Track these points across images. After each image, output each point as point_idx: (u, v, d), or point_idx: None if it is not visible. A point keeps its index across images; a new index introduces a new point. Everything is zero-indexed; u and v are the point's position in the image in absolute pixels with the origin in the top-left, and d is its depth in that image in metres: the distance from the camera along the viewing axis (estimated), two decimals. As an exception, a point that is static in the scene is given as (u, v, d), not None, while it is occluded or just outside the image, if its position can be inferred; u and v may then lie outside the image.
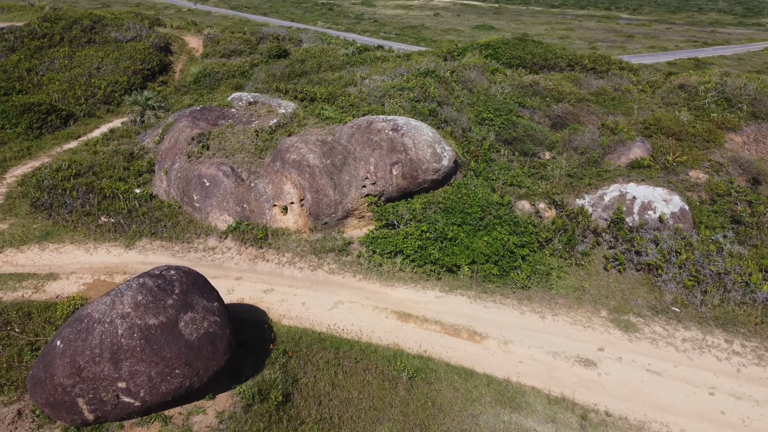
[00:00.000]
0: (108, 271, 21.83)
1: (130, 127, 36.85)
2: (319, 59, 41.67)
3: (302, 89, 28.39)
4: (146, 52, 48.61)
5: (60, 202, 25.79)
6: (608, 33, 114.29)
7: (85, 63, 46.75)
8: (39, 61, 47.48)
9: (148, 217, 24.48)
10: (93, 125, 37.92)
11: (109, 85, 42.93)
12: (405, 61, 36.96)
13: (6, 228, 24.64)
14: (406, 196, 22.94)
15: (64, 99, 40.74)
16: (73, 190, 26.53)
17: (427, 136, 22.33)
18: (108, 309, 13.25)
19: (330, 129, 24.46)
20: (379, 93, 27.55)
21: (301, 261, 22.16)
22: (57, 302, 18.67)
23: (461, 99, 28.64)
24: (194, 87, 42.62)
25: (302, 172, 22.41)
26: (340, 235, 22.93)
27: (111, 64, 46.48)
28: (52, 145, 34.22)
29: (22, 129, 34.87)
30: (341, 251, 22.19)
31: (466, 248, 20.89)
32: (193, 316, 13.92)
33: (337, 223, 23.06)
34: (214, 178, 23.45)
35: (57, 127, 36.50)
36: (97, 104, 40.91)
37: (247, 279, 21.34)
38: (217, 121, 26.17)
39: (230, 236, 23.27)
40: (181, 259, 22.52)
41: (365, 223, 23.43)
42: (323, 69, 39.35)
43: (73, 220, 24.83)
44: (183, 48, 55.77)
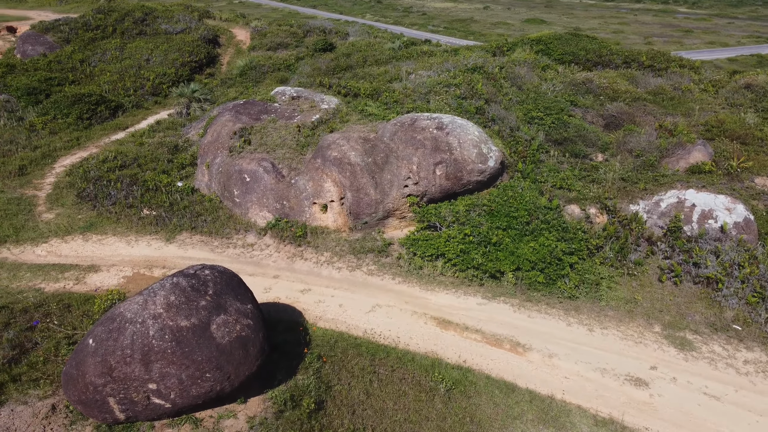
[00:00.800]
0: (148, 264, 21.81)
1: (176, 119, 37.11)
2: (364, 53, 41.08)
3: (346, 84, 27.85)
4: (194, 44, 49.02)
5: (104, 193, 26.00)
6: (665, 27, 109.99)
7: (136, 54, 47.47)
8: (92, 53, 48.49)
9: (189, 211, 24.41)
10: (140, 116, 38.37)
11: (157, 76, 43.40)
12: (452, 56, 36.00)
13: (52, 218, 24.98)
14: (448, 198, 22.15)
15: (114, 90, 41.41)
16: (118, 182, 26.73)
17: (473, 136, 21.46)
18: (140, 309, 12.99)
19: (373, 126, 23.84)
20: (425, 89, 26.76)
21: (340, 261, 21.66)
22: (96, 295, 18.67)
23: (510, 96, 27.58)
24: (240, 80, 42.67)
25: (343, 170, 21.87)
26: (380, 235, 22.33)
27: (160, 55, 47.04)
28: (101, 135, 34.72)
29: (73, 119, 35.49)
30: (381, 252, 21.59)
31: (510, 254, 19.98)
32: (225, 319, 13.54)
33: (377, 223, 22.46)
34: (255, 173, 23.15)
35: (106, 118, 37.05)
36: (146, 96, 41.41)
37: (284, 278, 20.97)
38: (260, 115, 25.89)
39: (269, 233, 22.96)
40: (220, 255, 22.34)
41: (406, 223, 22.75)
42: (368, 63, 38.74)
43: (116, 211, 24.98)
44: (231, 40, 56.08)
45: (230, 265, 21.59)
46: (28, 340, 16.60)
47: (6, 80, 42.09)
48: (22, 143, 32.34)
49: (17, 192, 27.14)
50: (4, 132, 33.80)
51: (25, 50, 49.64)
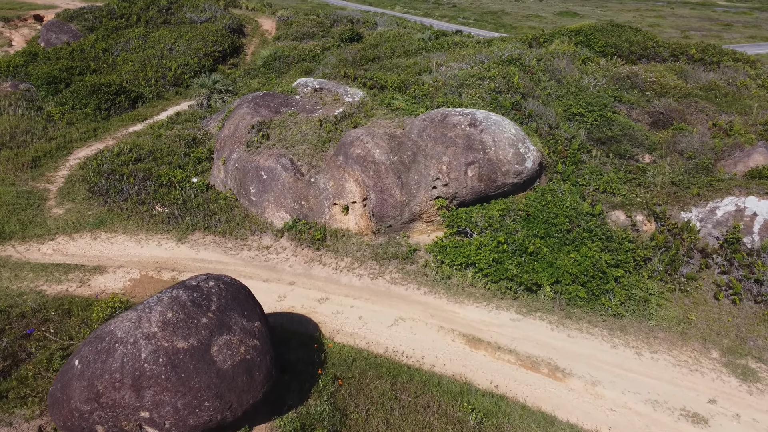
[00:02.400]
0: (157, 266, 20.46)
1: (196, 110, 35.84)
2: (393, 44, 39.26)
3: (372, 76, 26.12)
4: (218, 34, 47.75)
5: (116, 188, 24.77)
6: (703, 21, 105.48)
7: (159, 44, 46.35)
8: (115, 41, 47.52)
9: (203, 210, 23.00)
10: (161, 108, 37.20)
11: (179, 66, 42.22)
12: (485, 48, 33.96)
13: (62, 213, 23.83)
14: (481, 201, 20.30)
15: (135, 80, 40.34)
16: (131, 176, 25.48)
17: (510, 134, 19.55)
18: (132, 327, 11.50)
19: (400, 121, 22.08)
20: (456, 82, 24.87)
21: (361, 267, 20.01)
22: (97, 301, 17.33)
23: (548, 91, 25.53)
24: (263, 71, 41.24)
25: (366, 169, 20.18)
26: (405, 240, 20.61)
27: (183, 45, 45.87)
28: (119, 126, 33.63)
29: (91, 110, 34.45)
30: (406, 259, 19.88)
31: (549, 265, 18.08)
32: (228, 340, 11.99)
33: (402, 226, 20.74)
34: (272, 171, 21.61)
35: (125, 109, 35.95)
36: (167, 86, 40.25)
37: (300, 284, 19.42)
38: (280, 108, 24.32)
39: (286, 235, 21.41)
40: (233, 258, 20.87)
41: (434, 228, 20.98)
42: (397, 54, 36.92)
43: (128, 208, 23.71)
44: (256, 30, 54.71)
45: (244, 269, 20.13)
46: (22, 349, 15.33)
47: (27, 69, 41.36)
48: (38, 134, 31.36)
49: (28, 185, 26.07)
50: (21, 122, 32.85)
51: (49, 39, 48.93)
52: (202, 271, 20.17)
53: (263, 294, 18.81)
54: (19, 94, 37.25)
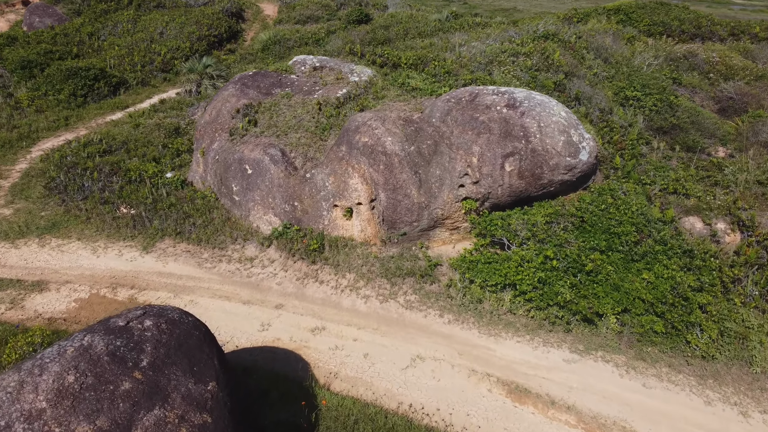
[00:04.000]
0: (113, 281, 16.36)
1: (184, 98, 31.73)
2: (405, 25, 34.98)
3: (383, 53, 21.83)
4: (215, 17, 43.66)
5: (77, 184, 20.69)
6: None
7: (149, 28, 42.35)
8: (102, 25, 43.64)
9: (176, 211, 18.86)
10: (145, 95, 33.13)
11: (169, 51, 38.14)
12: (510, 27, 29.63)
13: (9, 214, 19.79)
14: (521, 203, 16.03)
15: (120, 65, 36.30)
16: (95, 171, 21.39)
17: (559, 117, 15.24)
18: (8, 401, 7.33)
19: (417, 103, 17.84)
20: (485, 59, 20.56)
21: (367, 286, 15.79)
22: (19, 332, 13.19)
23: (595, 70, 21.19)
24: (262, 55, 37.11)
25: (375, 162, 15.96)
26: (423, 252, 16.38)
27: (175, 29, 41.82)
28: (95, 115, 29.62)
29: (65, 96, 30.46)
30: (424, 276, 15.64)
31: (613, 288, 13.78)
32: (161, 417, 7.80)
33: (419, 234, 16.51)
34: (259, 164, 17.43)
35: (104, 96, 31.91)
36: (154, 72, 36.18)
37: (290, 308, 15.23)
38: (272, 89, 20.13)
39: (275, 244, 17.22)
40: (208, 272, 16.72)
41: (459, 237, 16.73)
42: (410, 36, 32.66)
43: (88, 208, 19.64)
44: (257, 15, 50.62)
45: (220, 288, 15.98)
46: None
47: (3, 53, 37.46)
48: (1, 122, 27.39)
49: (-23, 180, 22.05)
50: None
51: (32, 22, 45.06)
52: (168, 289, 16.05)
53: (242, 321, 14.68)
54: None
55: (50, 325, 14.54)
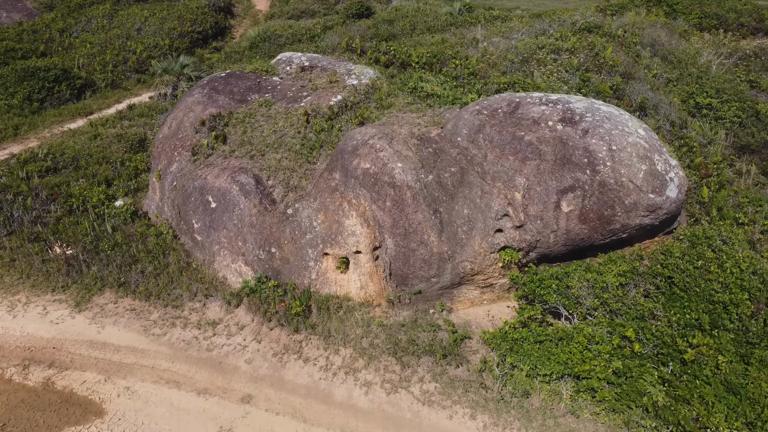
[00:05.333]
0: (27, 356, 12.15)
1: (157, 102, 27.42)
2: (412, 19, 30.70)
3: (388, 48, 17.50)
4: (199, 12, 39.41)
5: (4, 214, 16.41)
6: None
7: (126, 23, 38.11)
8: (75, 21, 39.37)
9: (121, 253, 14.56)
10: (114, 99, 28.83)
11: (145, 49, 33.88)
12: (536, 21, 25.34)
13: None
14: (580, 254, 11.72)
15: (90, 65, 32.01)
16: (30, 196, 17.12)
17: (637, 138, 10.92)
18: None
19: (435, 115, 13.55)
20: (518, 56, 16.24)
21: (369, 368, 11.49)
22: None
23: (655, 71, 16.88)
24: (249, 53, 32.81)
25: (380, 196, 11.68)
26: (444, 318, 12.08)
27: (155, 24, 37.58)
28: (52, 123, 25.35)
29: (18, 101, 26.23)
30: (447, 355, 11.35)
31: (727, 389, 9.48)
32: None
33: (439, 293, 12.23)
34: (225, 195, 13.14)
35: (66, 100, 27.63)
36: (127, 72, 31.90)
37: (262, 401, 10.96)
38: (248, 95, 15.84)
39: (245, 303, 12.92)
40: (156, 342, 12.44)
41: (494, 296, 12.44)
42: (419, 31, 28.38)
43: (13, 247, 15.40)
44: (248, 11, 46.40)
45: (169, 367, 11.75)
46: None
47: (-42, 51, 33.19)
48: (-65, 132, 23.17)
49: None
50: (-77, 116, 24.72)
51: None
52: (98, 368, 11.84)
53: (193, 422, 10.42)
54: (-62, 82, 29.15)
55: None
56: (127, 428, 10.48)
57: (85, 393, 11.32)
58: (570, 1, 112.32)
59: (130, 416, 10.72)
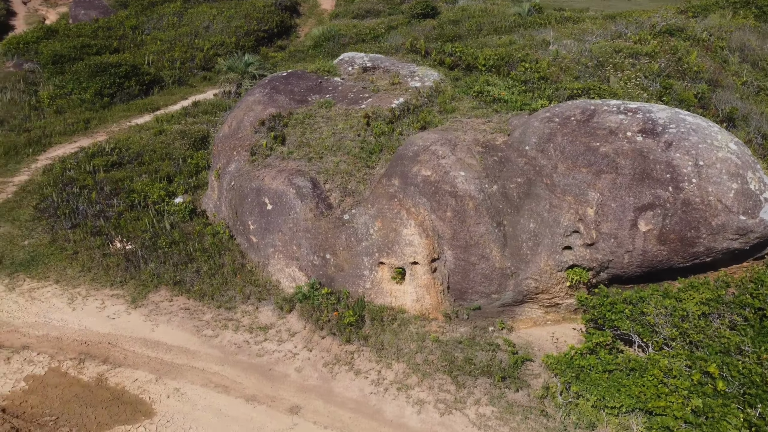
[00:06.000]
0: (82, 350, 12.25)
1: (221, 100, 27.69)
2: (478, 20, 29.91)
3: (453, 50, 16.89)
4: (265, 11, 39.84)
5: (70, 206, 16.78)
6: None
7: (195, 21, 38.94)
8: (147, 18, 40.53)
9: (178, 251, 14.57)
10: (180, 95, 29.34)
11: (212, 47, 34.44)
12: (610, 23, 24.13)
13: (-14, 241, 16.06)
14: (658, 277, 10.79)
15: (159, 61, 32.78)
16: (94, 190, 17.46)
17: (727, 153, 9.92)
18: None
19: (501, 121, 12.86)
20: (592, 60, 15.31)
21: (422, 385, 10.94)
22: None
23: (744, 78, 15.58)
24: (312, 52, 32.79)
25: (440, 206, 11.11)
26: (504, 337, 11.39)
27: (222, 22, 38.22)
28: (120, 117, 25.96)
29: (90, 95, 27.02)
30: (506, 377, 10.66)
31: (824, 438, 8.42)
32: None
33: (499, 310, 11.55)
34: (282, 197, 12.87)
35: (134, 96, 28.31)
36: (194, 70, 32.49)
37: (310, 413, 10.59)
38: (308, 95, 15.58)
39: (297, 309, 12.62)
40: (207, 344, 12.31)
41: (558, 317, 11.66)
42: (485, 32, 27.57)
43: (76, 239, 15.67)
44: (313, 10, 46.62)
45: (218, 371, 11.59)
46: None
47: (39, 47, 34.69)
48: (14, 124, 24.11)
49: (-36, 195, 18.55)
50: (12, 108, 25.86)
51: (77, 15, 42.58)
52: (150, 367, 11.79)
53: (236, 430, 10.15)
54: (19, 75, 30.56)
55: (-21, 421, 10.44)
56: (174, 431, 10.33)
57: (136, 392, 11.26)
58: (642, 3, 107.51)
59: (178, 419, 10.56)
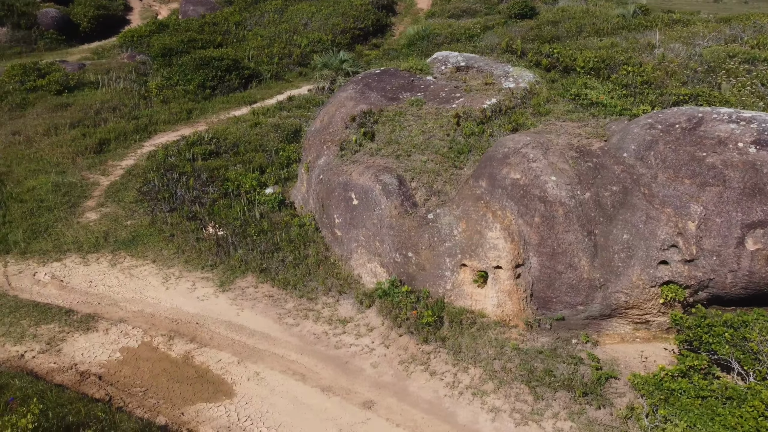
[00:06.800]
0: (173, 328, 12.89)
1: (315, 95, 28.40)
2: (579, 21, 28.87)
3: (551, 51, 16.38)
4: (362, 9, 40.42)
5: (169, 191, 17.76)
6: None
7: (294, 18, 40.14)
8: (250, 15, 42.24)
9: (265, 240, 15.05)
10: (276, 89, 30.31)
11: (309, 43, 35.36)
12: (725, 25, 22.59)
13: (94, 220, 17.32)
14: (764, 301, 9.96)
15: (258, 57, 34.06)
16: (192, 177, 18.37)
17: None
18: None
19: (598, 126, 12.33)
20: (702, 65, 14.37)
21: (499, 393, 10.69)
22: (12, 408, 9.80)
23: None
24: (406, 51, 32.92)
25: (528, 210, 10.81)
26: (588, 351, 10.93)
27: (320, 20, 39.16)
28: (220, 109, 27.18)
29: (193, 87, 28.45)
30: (588, 392, 10.21)
31: None
32: None
33: (585, 323, 11.08)
34: (368, 193, 12.98)
35: (234, 89, 29.54)
36: (290, 65, 33.48)
37: (383, 410, 10.62)
38: (399, 93, 15.62)
39: (377, 305, 12.70)
40: (287, 332, 12.63)
41: (649, 335, 11.04)
42: (584, 34, 26.59)
43: (173, 223, 16.55)
44: (409, 9, 46.77)
45: (296, 359, 11.89)
46: None
47: (150, 40, 37.09)
48: (124, 112, 25.78)
49: (79, 175, 20.07)
50: (115, 97, 27.68)
51: (186, 11, 45.07)
52: (233, 350, 12.27)
53: (314, 420, 10.35)
54: (131, 66, 32.71)
55: (78, 384, 11.25)
56: (252, 413, 10.66)
57: (219, 372, 11.72)
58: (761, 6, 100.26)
59: (256, 402, 10.89)
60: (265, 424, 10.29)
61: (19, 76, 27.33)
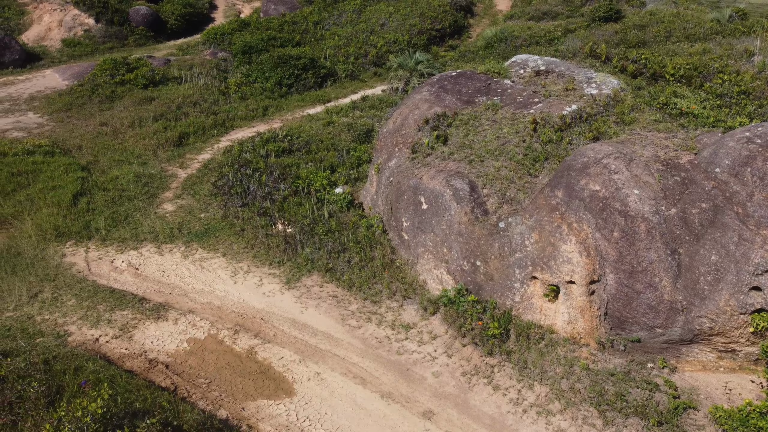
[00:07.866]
0: (238, 322, 13.10)
1: (389, 96, 28.37)
2: (668, 25, 27.40)
3: (638, 57, 15.52)
4: (440, 10, 40.10)
5: (242, 186, 18.14)
6: None
7: (372, 18, 40.30)
8: (329, 14, 42.78)
9: (332, 240, 15.06)
10: (351, 89, 30.54)
11: (385, 44, 35.39)
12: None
13: (170, 211, 17.93)
14: None
15: (335, 56, 34.46)
16: (265, 173, 18.68)
17: None
18: None
19: (689, 138, 11.54)
20: (809, 75, 13.23)
21: (565, 414, 10.19)
22: (83, 393, 10.15)
23: None
24: (483, 53, 32.33)
25: (607, 224, 10.24)
26: (665, 377, 10.23)
27: (397, 20, 39.13)
28: (295, 107, 27.63)
29: (271, 84, 29.08)
30: (663, 422, 9.55)
31: None
32: None
33: (663, 346, 10.39)
34: (438, 198, 12.72)
35: (310, 87, 29.97)
36: (366, 65, 33.65)
37: (443, 421, 10.35)
38: (475, 96, 15.25)
39: (441, 313, 12.42)
40: (350, 334, 12.57)
41: (734, 365, 10.22)
42: (674, 39, 25.20)
43: (244, 218, 16.88)
44: (488, 10, 46.00)
45: (358, 362, 11.81)
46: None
47: (232, 38, 38.30)
48: (204, 107, 26.61)
49: (159, 167, 20.85)
50: (196, 92, 28.61)
51: (267, 9, 46.16)
52: (295, 348, 12.35)
53: (372, 426, 10.23)
54: (213, 63, 33.83)
55: (147, 371, 11.59)
56: (311, 414, 10.64)
57: (280, 369, 11.79)
58: None
59: (315, 403, 10.87)
60: (324, 426, 10.24)
61: (110, 70, 28.71)
